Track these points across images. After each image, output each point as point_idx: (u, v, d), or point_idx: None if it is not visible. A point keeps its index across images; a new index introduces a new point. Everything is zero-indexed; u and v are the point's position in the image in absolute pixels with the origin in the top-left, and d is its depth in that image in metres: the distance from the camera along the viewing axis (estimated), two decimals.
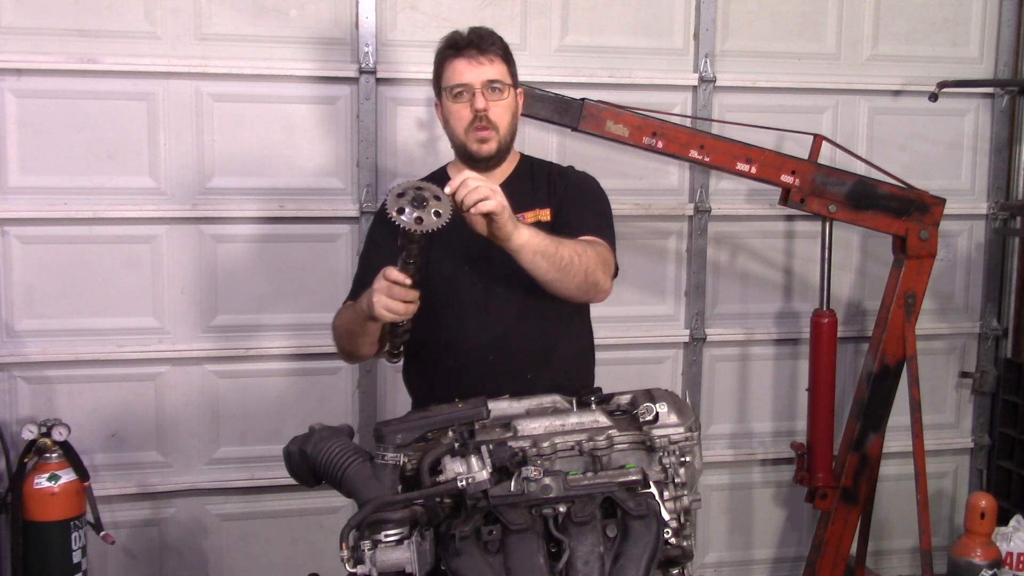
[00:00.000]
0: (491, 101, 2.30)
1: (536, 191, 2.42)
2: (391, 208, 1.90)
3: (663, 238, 3.76)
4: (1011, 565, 3.60)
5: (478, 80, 2.29)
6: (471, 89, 2.29)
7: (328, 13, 3.38)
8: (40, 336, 3.31)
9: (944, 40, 3.90)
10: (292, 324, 3.47)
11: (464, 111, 2.31)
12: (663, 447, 1.94)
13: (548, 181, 2.45)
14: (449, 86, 2.32)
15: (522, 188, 2.42)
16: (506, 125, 2.35)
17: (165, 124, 3.31)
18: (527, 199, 2.40)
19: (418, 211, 1.91)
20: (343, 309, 2.41)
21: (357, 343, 2.32)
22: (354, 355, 2.42)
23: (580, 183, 2.49)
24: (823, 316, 3.44)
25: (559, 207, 2.40)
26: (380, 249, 2.39)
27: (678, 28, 3.67)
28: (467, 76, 2.30)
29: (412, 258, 2.01)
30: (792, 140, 3.51)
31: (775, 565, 4.04)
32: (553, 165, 2.55)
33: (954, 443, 4.13)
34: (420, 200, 1.92)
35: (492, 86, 2.31)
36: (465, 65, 2.30)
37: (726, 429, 3.93)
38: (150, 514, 3.47)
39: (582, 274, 2.19)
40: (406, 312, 2.07)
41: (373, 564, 1.73)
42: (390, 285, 2.04)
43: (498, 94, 2.32)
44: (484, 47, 2.31)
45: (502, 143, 2.35)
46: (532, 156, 2.54)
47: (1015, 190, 4.02)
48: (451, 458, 1.81)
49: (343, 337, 2.37)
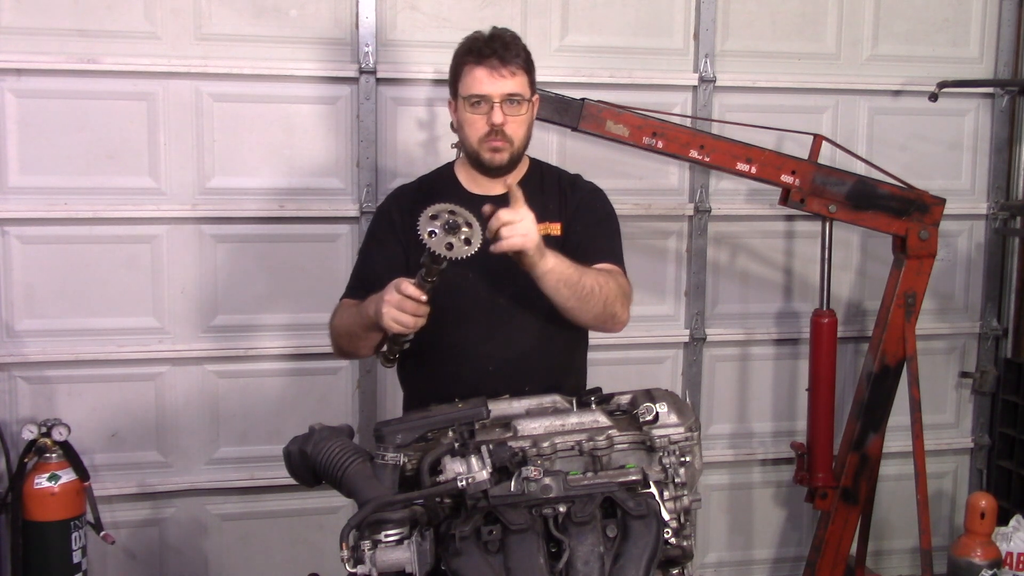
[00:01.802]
0: (508, 115, 2.27)
1: (547, 203, 2.40)
2: (423, 230, 1.91)
3: (663, 238, 3.76)
4: (1011, 565, 3.60)
5: (497, 93, 2.26)
6: (490, 101, 2.26)
7: (328, 13, 3.38)
8: (40, 336, 3.31)
9: (944, 40, 3.90)
10: (292, 324, 3.47)
11: (480, 122, 2.28)
12: (663, 447, 1.95)
13: (560, 193, 2.43)
14: (467, 95, 2.28)
15: (533, 196, 2.39)
16: (521, 138, 2.32)
17: (165, 124, 3.31)
18: (537, 210, 2.35)
19: (450, 236, 1.92)
20: (342, 308, 2.39)
21: (357, 345, 2.31)
22: (352, 355, 2.41)
23: (592, 201, 2.46)
24: (823, 316, 3.44)
25: (570, 223, 2.39)
26: (381, 246, 2.39)
27: (678, 28, 3.67)
28: (487, 88, 2.26)
29: (432, 277, 2.00)
30: (792, 140, 3.51)
31: (775, 565, 4.04)
32: (563, 173, 2.52)
33: (954, 443, 4.13)
34: (453, 226, 1.93)
35: (511, 99, 2.27)
36: (486, 76, 2.26)
37: (726, 429, 3.93)
38: (150, 514, 3.47)
39: (601, 305, 2.20)
40: (414, 326, 2.06)
41: (373, 564, 1.73)
42: (402, 299, 2.03)
43: (516, 107, 2.28)
44: (507, 58, 2.26)
45: (515, 155, 2.33)
46: (541, 161, 2.53)
47: (1015, 190, 4.02)
48: (451, 458, 1.81)
49: (342, 336, 2.36)
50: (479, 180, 2.39)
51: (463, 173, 2.43)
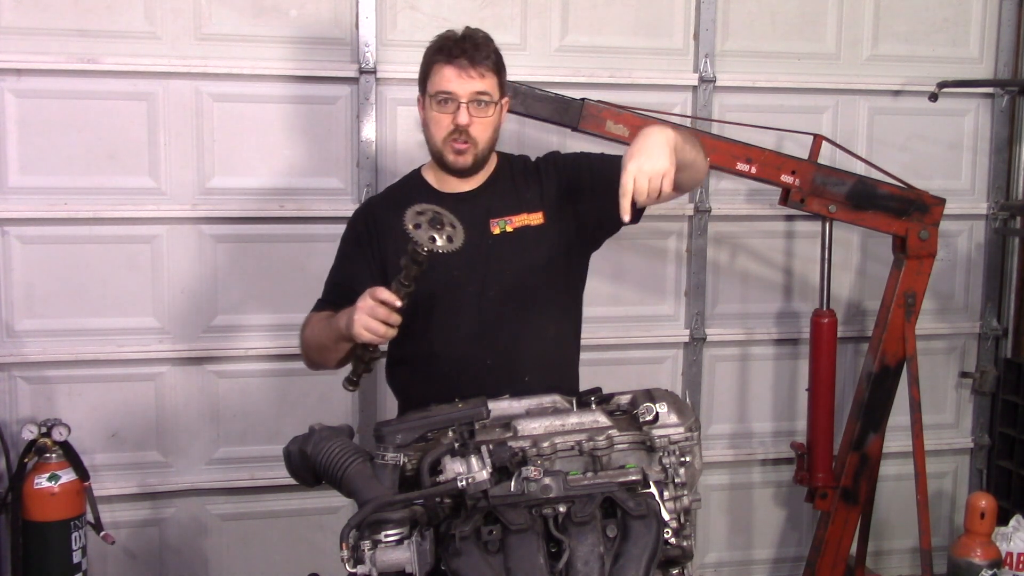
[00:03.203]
0: (475, 116, 2.26)
1: (523, 193, 2.39)
2: (409, 222, 1.92)
3: (663, 238, 3.76)
4: (1011, 565, 3.60)
5: (464, 93, 2.25)
6: (456, 100, 2.25)
7: (328, 13, 3.38)
8: (40, 336, 3.31)
9: (944, 40, 3.90)
10: (292, 324, 3.42)
11: (445, 120, 2.27)
12: (663, 447, 1.94)
13: (536, 181, 2.41)
14: (435, 92, 2.28)
15: (505, 190, 2.39)
16: (486, 140, 2.31)
17: (165, 124, 3.31)
18: (513, 202, 2.37)
19: (433, 231, 1.92)
20: (313, 319, 2.37)
21: (327, 357, 2.30)
22: (321, 367, 2.40)
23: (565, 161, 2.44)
24: (823, 316, 3.44)
25: (559, 204, 2.38)
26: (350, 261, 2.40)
27: (678, 28, 3.67)
28: (454, 86, 2.25)
29: (409, 280, 1.99)
30: (792, 140, 3.51)
31: (775, 565, 4.04)
32: (528, 160, 2.49)
33: (954, 443, 4.13)
34: (438, 222, 1.94)
35: (479, 100, 2.26)
36: (454, 75, 2.25)
37: (726, 429, 3.93)
38: (150, 514, 3.47)
39: (699, 150, 2.28)
40: (385, 335, 2.04)
41: (373, 564, 1.72)
42: (375, 305, 2.01)
43: (483, 109, 2.27)
44: (477, 59, 2.25)
45: (479, 157, 2.31)
46: (507, 153, 2.50)
47: (1015, 190, 4.02)
48: (451, 458, 1.81)
49: (312, 349, 2.35)
50: (446, 179, 2.38)
51: (431, 174, 2.42)
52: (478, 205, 2.36)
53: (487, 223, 2.35)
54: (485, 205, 2.36)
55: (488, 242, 2.33)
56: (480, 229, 2.32)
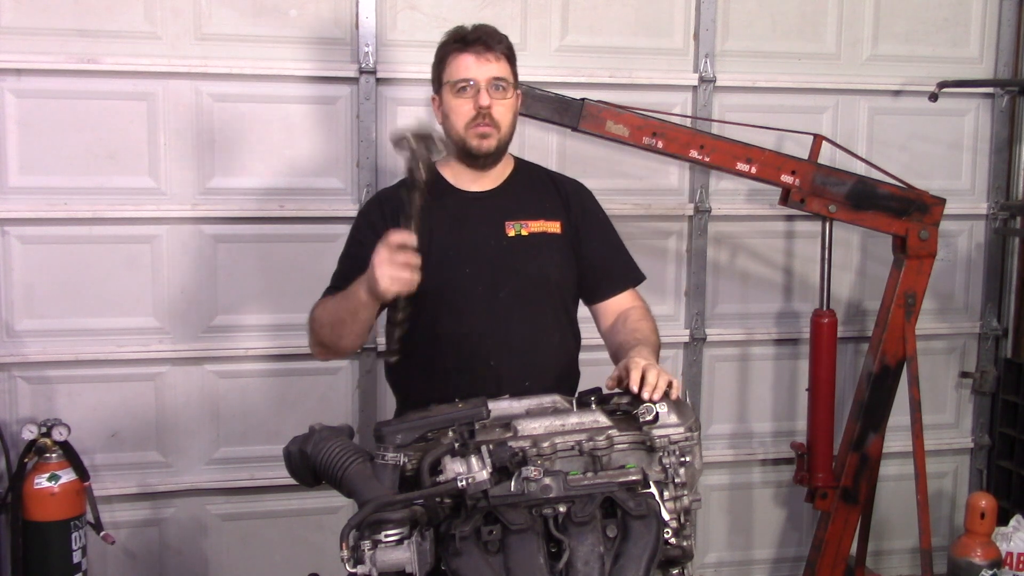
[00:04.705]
0: (495, 99, 2.29)
1: (543, 200, 2.42)
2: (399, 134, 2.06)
3: (663, 238, 3.76)
4: (1011, 565, 3.60)
5: (483, 76, 2.28)
6: (476, 85, 2.28)
7: (328, 13, 3.38)
8: (40, 336, 3.31)
9: (944, 40, 3.90)
10: (292, 324, 3.46)
11: (466, 106, 2.29)
12: (663, 447, 1.94)
13: (557, 193, 2.45)
14: (453, 80, 2.30)
15: (524, 193, 2.41)
16: (507, 124, 2.33)
17: (165, 124, 3.31)
18: (533, 206, 2.39)
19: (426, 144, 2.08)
20: (324, 301, 2.36)
21: (342, 332, 2.25)
22: (334, 348, 2.35)
23: (595, 208, 2.51)
24: (823, 316, 3.44)
25: (575, 229, 2.42)
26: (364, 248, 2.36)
27: (678, 28, 3.67)
28: (472, 71, 2.28)
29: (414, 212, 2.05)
30: (792, 140, 3.51)
31: (775, 565, 4.04)
32: (552, 173, 2.54)
33: (954, 443, 4.13)
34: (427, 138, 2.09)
35: (497, 83, 2.29)
36: (472, 60, 2.28)
37: (726, 429, 3.93)
38: (150, 514, 3.47)
39: None
40: (411, 281, 2.04)
41: (373, 564, 1.72)
42: (392, 253, 2.01)
43: (502, 92, 2.30)
44: (491, 44, 2.29)
45: (502, 141, 2.33)
46: (525, 160, 2.53)
47: (1015, 190, 4.02)
48: (451, 458, 1.80)
49: (324, 327, 2.30)
50: (463, 176, 2.39)
51: (448, 171, 2.42)
52: (494, 206, 2.38)
53: (502, 224, 2.36)
54: (501, 206, 2.38)
55: (503, 243, 2.35)
56: (495, 229, 2.34)
